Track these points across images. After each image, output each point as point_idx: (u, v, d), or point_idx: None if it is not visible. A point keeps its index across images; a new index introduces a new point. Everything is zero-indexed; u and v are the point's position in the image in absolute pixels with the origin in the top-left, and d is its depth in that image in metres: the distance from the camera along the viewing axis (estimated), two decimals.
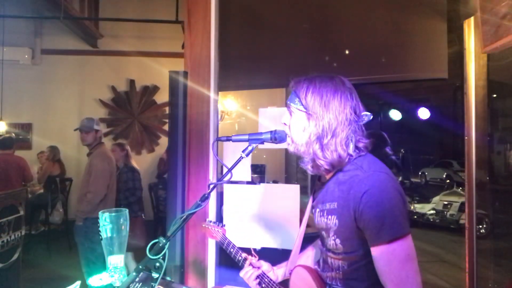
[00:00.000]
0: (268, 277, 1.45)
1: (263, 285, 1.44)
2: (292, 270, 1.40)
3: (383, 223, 1.04)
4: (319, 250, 1.37)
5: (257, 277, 1.46)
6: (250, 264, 1.50)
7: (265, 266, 1.50)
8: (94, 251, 3.43)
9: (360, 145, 1.18)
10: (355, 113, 1.17)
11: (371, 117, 1.22)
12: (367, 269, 1.12)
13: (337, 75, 1.24)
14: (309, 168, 1.22)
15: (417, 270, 1.05)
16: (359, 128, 1.19)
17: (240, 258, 1.55)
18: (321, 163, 1.16)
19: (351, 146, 1.16)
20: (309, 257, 1.51)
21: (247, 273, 1.47)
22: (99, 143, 3.66)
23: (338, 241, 1.18)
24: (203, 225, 1.75)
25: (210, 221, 1.74)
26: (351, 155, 1.16)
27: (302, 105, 1.19)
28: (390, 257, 1.04)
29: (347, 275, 1.18)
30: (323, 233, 1.25)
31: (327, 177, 1.25)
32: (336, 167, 1.17)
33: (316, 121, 1.16)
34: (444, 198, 8.23)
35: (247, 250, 1.59)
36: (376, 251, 1.07)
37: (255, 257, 1.53)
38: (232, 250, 1.60)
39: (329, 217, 1.19)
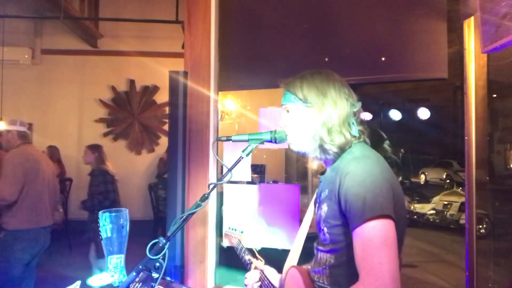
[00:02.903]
0: (267, 279, 1.47)
1: None
2: (288, 270, 1.41)
3: (364, 203, 1.02)
4: None
5: (259, 279, 1.49)
6: (255, 267, 1.54)
7: (268, 269, 1.51)
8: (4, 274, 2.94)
9: (359, 128, 1.23)
10: (349, 98, 1.23)
11: (361, 105, 1.27)
12: (352, 266, 1.10)
13: (324, 70, 1.29)
14: (317, 155, 1.25)
15: (392, 259, 0.99)
16: (356, 112, 1.24)
17: (248, 262, 1.60)
18: (329, 147, 1.19)
19: (353, 127, 1.21)
20: None
21: (250, 279, 1.52)
22: (23, 143, 3.21)
23: (325, 229, 1.18)
24: (225, 233, 1.84)
25: (230, 228, 1.79)
26: (355, 136, 1.20)
27: (300, 100, 1.23)
28: (365, 241, 1.01)
29: (333, 270, 1.17)
30: (318, 227, 1.25)
31: (327, 167, 1.27)
32: (343, 149, 1.19)
33: (317, 110, 1.20)
34: (444, 198, 8.23)
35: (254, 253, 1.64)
36: (354, 235, 1.04)
37: (261, 261, 1.58)
38: (243, 254, 1.65)
39: (322, 206, 1.20)
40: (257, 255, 1.61)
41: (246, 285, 1.53)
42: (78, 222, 5.10)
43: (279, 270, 1.50)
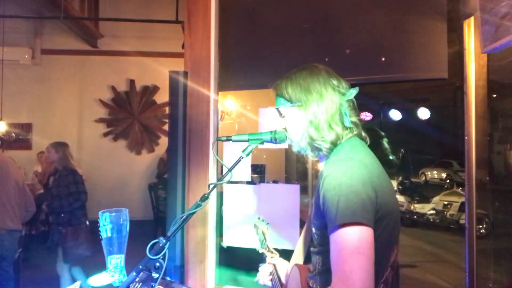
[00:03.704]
0: (277, 274, 1.48)
1: (273, 283, 1.48)
2: (292, 268, 1.41)
3: (336, 209, 1.00)
4: None
5: (270, 273, 1.51)
6: (269, 262, 1.55)
7: (279, 264, 1.52)
8: None
9: (352, 119, 1.19)
10: (339, 88, 1.20)
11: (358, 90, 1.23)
12: None
13: (310, 63, 1.27)
14: (309, 153, 1.23)
15: (364, 266, 0.96)
16: (348, 102, 1.20)
17: (264, 257, 1.61)
18: (320, 144, 1.17)
19: (346, 119, 1.17)
20: None
21: (262, 273, 1.54)
22: None
23: (314, 229, 1.17)
24: (254, 223, 1.82)
25: (260, 218, 1.80)
26: (347, 129, 1.18)
27: (288, 101, 1.22)
28: (338, 246, 1.00)
29: (322, 276, 1.16)
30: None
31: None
32: (335, 143, 1.17)
33: (305, 108, 1.18)
34: (444, 198, 8.23)
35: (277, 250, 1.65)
36: (330, 240, 1.02)
37: (276, 254, 1.59)
38: (262, 246, 1.65)
39: (312, 206, 1.19)
40: (271, 248, 1.62)
41: (258, 278, 1.54)
42: None
43: None
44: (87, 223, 3.85)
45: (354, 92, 1.22)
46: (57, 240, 3.73)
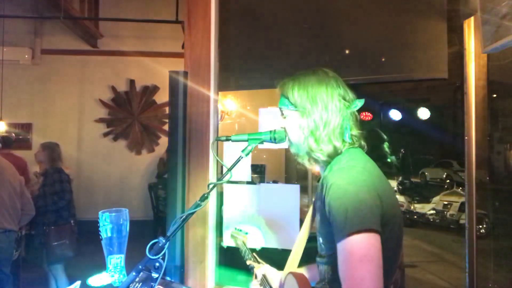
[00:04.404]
0: (269, 284, 1.46)
1: None
2: (286, 276, 1.39)
3: (345, 216, 1.00)
4: None
5: (260, 285, 1.50)
6: (257, 273, 1.53)
7: (270, 274, 1.50)
8: None
9: (353, 133, 1.19)
10: (345, 100, 1.19)
11: (363, 102, 1.22)
12: None
13: (320, 68, 1.25)
14: (306, 162, 1.23)
15: (374, 274, 0.97)
16: (351, 115, 1.20)
17: (251, 266, 1.59)
18: (318, 156, 1.17)
19: (346, 134, 1.17)
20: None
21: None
22: None
23: (321, 239, 1.17)
24: (231, 233, 1.82)
25: (236, 229, 1.79)
26: (347, 143, 1.17)
27: (292, 104, 1.21)
28: (347, 254, 1.00)
29: (331, 285, 1.15)
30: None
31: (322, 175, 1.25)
32: (333, 156, 1.16)
33: (307, 116, 1.17)
34: (444, 198, 8.24)
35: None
36: (338, 249, 1.02)
37: (263, 264, 1.58)
38: (247, 257, 1.64)
39: (317, 215, 1.19)
40: (258, 259, 1.61)
41: None
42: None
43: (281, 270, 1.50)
44: (73, 223, 3.82)
45: (359, 104, 1.21)
46: (43, 241, 3.71)
